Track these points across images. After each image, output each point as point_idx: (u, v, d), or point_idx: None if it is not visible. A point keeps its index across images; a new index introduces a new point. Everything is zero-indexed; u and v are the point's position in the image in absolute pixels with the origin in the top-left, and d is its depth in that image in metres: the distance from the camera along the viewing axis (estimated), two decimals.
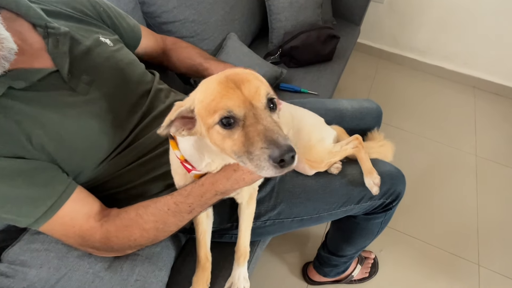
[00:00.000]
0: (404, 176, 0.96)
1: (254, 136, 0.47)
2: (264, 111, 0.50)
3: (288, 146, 0.45)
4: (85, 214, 0.69)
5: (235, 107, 0.49)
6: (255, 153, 0.47)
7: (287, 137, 0.48)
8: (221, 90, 0.51)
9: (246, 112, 0.49)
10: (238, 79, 0.52)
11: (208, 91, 0.53)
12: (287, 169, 0.47)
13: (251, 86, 0.51)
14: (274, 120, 0.51)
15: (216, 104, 0.50)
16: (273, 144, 0.45)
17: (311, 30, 1.44)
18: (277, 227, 0.92)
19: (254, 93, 0.50)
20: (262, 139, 0.46)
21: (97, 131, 0.72)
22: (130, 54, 0.88)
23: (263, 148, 0.46)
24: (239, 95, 0.50)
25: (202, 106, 0.53)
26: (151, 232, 0.71)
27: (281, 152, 0.45)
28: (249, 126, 0.48)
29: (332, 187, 0.91)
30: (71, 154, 0.69)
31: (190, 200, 0.69)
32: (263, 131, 0.47)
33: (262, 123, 0.48)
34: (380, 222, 1.01)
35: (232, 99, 0.49)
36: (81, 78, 0.72)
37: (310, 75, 1.50)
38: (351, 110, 1.11)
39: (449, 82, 2.41)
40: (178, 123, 0.58)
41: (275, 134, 0.46)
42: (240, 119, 0.49)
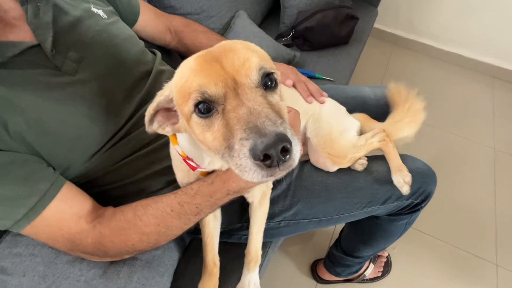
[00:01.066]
0: (435, 174, 0.86)
1: (234, 123, 0.35)
2: (253, 90, 0.38)
3: (277, 134, 0.32)
4: (74, 214, 0.60)
5: (209, 86, 0.37)
6: (234, 147, 0.35)
7: (282, 122, 0.35)
8: (195, 66, 0.39)
9: (226, 92, 0.37)
10: (220, 51, 0.40)
11: (183, 70, 0.41)
12: (281, 169, 0.34)
13: (236, 57, 0.39)
14: (268, 101, 0.38)
15: (189, 85, 0.38)
16: (255, 132, 0.33)
17: (327, 10, 1.31)
18: (292, 228, 0.83)
19: (240, 66, 0.38)
20: (242, 127, 0.34)
21: (87, 118, 0.62)
22: (127, 28, 0.76)
23: (242, 140, 0.34)
24: (217, 69, 0.38)
25: (177, 91, 0.41)
26: (151, 237, 0.61)
27: (264, 143, 0.31)
28: (230, 111, 0.36)
29: (355, 186, 0.81)
30: (56, 145, 0.59)
31: (197, 200, 0.59)
32: (245, 116, 0.35)
33: (247, 105, 0.36)
34: (404, 223, 0.92)
35: (207, 76, 0.38)
36: (67, 55, 0.61)
37: (325, 59, 1.38)
38: (374, 98, 1.00)
39: (467, 70, 2.29)
40: (161, 117, 0.47)
41: (260, 118, 0.34)
42: (219, 102, 0.38)
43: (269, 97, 0.40)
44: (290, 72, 0.90)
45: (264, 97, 0.39)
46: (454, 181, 1.70)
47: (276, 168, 0.33)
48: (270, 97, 0.40)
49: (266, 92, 0.40)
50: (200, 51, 0.43)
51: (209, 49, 0.42)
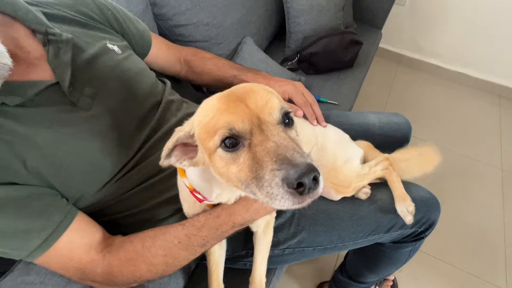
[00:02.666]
0: (439, 202, 0.87)
1: (262, 156, 0.38)
2: (276, 126, 0.41)
3: (308, 164, 0.35)
4: (85, 245, 0.62)
5: (237, 123, 0.40)
6: (264, 177, 0.37)
7: (307, 155, 0.38)
8: (221, 105, 0.42)
9: (252, 128, 0.41)
10: (242, 92, 0.44)
11: (207, 109, 0.44)
12: (309, 197, 0.37)
13: (259, 98, 0.43)
14: (290, 137, 0.41)
15: (216, 123, 0.41)
16: (287, 163, 0.36)
17: (332, 35, 1.34)
18: (296, 256, 0.84)
19: (263, 105, 0.42)
20: (273, 159, 0.37)
21: (99, 151, 0.64)
22: (140, 62, 0.79)
23: (274, 170, 0.36)
24: (243, 108, 0.41)
25: (201, 128, 0.44)
26: (159, 267, 0.63)
27: (298, 173, 0.34)
28: (257, 145, 0.40)
29: (359, 214, 0.82)
30: (70, 178, 0.62)
31: (204, 232, 0.61)
32: (273, 149, 0.38)
33: (273, 140, 0.39)
34: (409, 250, 0.92)
35: (234, 114, 0.41)
36: (83, 91, 0.64)
37: (329, 83, 1.40)
38: (379, 125, 1.01)
39: (474, 90, 2.29)
40: (178, 151, 0.50)
41: (289, 150, 0.37)
42: (246, 137, 0.41)
43: (289, 133, 0.44)
44: (296, 93, 0.92)
45: (285, 132, 0.42)
46: (461, 202, 1.69)
47: (306, 196, 0.36)
48: (289, 133, 0.44)
49: (286, 128, 0.44)
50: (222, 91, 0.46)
51: (230, 90, 0.46)
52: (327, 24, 1.40)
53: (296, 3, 1.36)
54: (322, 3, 1.36)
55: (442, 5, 2.07)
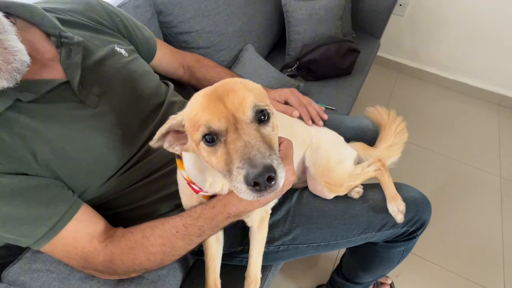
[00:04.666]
0: (430, 203, 0.89)
1: (233, 153, 0.44)
2: (249, 125, 0.46)
3: (265, 165, 0.41)
4: (88, 234, 0.65)
5: (214, 122, 0.45)
6: (233, 173, 0.43)
7: (270, 154, 0.43)
8: (204, 102, 0.48)
9: (228, 127, 0.46)
10: (223, 90, 0.48)
11: (194, 104, 0.50)
12: (268, 192, 0.43)
13: (236, 97, 0.47)
14: (262, 134, 0.47)
15: (198, 119, 0.47)
16: (248, 163, 0.41)
17: (330, 43, 1.39)
18: (291, 253, 0.86)
19: (238, 104, 0.46)
20: (239, 157, 0.43)
21: (105, 147, 0.69)
22: (145, 65, 0.84)
23: (238, 168, 0.42)
24: (220, 108, 0.46)
25: (188, 121, 0.50)
26: (157, 256, 0.66)
27: (254, 173, 0.40)
28: (230, 142, 0.45)
29: (352, 213, 0.84)
30: (77, 171, 0.66)
31: (200, 222, 0.64)
32: (241, 148, 0.43)
33: (243, 139, 0.44)
34: (402, 250, 0.94)
35: (212, 113, 0.46)
36: (91, 90, 0.69)
37: (328, 89, 1.44)
38: (373, 128, 1.05)
39: (472, 98, 2.31)
40: (171, 137, 0.55)
41: (253, 151, 0.42)
42: (222, 134, 0.46)
43: (262, 130, 0.48)
44: (291, 95, 0.97)
45: (257, 130, 0.46)
46: (460, 209, 1.70)
47: (264, 191, 0.42)
48: (263, 129, 0.48)
49: (260, 125, 0.48)
50: (208, 86, 0.51)
51: (214, 86, 0.50)
52: (326, 33, 1.45)
53: (296, 12, 1.42)
54: (321, 12, 1.42)
55: (440, 15, 2.10)
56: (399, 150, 0.95)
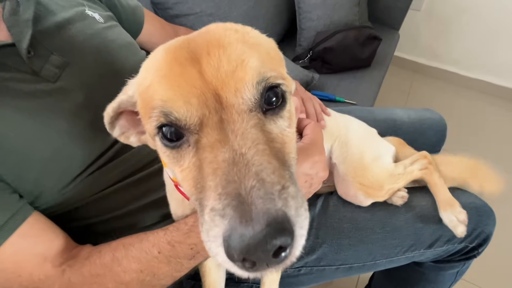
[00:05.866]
0: (493, 211, 0.70)
1: (208, 173, 0.24)
2: (245, 115, 0.25)
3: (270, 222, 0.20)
4: (37, 255, 0.48)
5: (177, 104, 0.25)
6: (204, 214, 0.23)
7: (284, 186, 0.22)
8: (163, 65, 0.26)
9: (203, 115, 0.25)
10: (202, 43, 0.27)
11: (148, 66, 0.29)
12: (269, 269, 0.22)
13: (224, 58, 0.26)
14: (267, 135, 0.26)
15: (151, 95, 0.26)
16: (235, 207, 0.20)
17: (348, 30, 1.22)
18: (315, 276, 0.67)
19: (229, 73, 0.25)
20: (217, 187, 0.22)
21: (66, 134, 0.51)
22: (127, 35, 0.67)
23: (214, 211, 0.22)
24: (192, 76, 0.25)
25: (139, 95, 0.30)
26: (132, 287, 0.47)
27: (244, 242, 0.20)
28: (206, 146, 0.25)
29: (394, 225, 0.66)
30: (24, 167, 0.48)
31: (192, 239, 0.46)
32: (224, 166, 0.23)
33: (231, 144, 0.23)
34: (455, 273, 0.75)
35: (174, 87, 0.25)
36: (49, 59, 0.51)
37: (345, 82, 1.27)
38: (408, 121, 0.87)
39: (496, 98, 2.14)
40: (125, 121, 0.35)
41: (248, 177, 0.21)
42: (191, 129, 0.25)
43: (269, 125, 0.27)
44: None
45: (260, 128, 0.26)
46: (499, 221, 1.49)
47: (263, 269, 0.22)
48: (272, 125, 0.28)
49: (266, 117, 0.27)
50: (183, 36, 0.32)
51: (188, 37, 0.30)
52: (342, 20, 1.28)
53: None
54: None
55: (460, 8, 1.96)
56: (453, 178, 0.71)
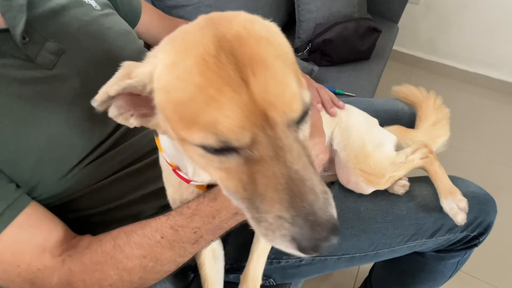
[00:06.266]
0: (494, 200, 0.70)
1: (266, 186, 0.27)
2: (288, 131, 0.28)
3: (332, 226, 0.26)
4: (36, 246, 0.47)
5: (234, 130, 0.26)
6: (266, 218, 0.27)
7: (326, 191, 0.27)
8: (205, 82, 0.26)
9: (255, 137, 0.27)
10: (243, 54, 0.27)
11: (179, 71, 0.28)
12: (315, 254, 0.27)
13: (271, 80, 0.27)
14: (303, 146, 0.29)
15: (196, 114, 0.26)
16: (304, 218, 0.25)
17: (347, 21, 1.21)
18: (317, 267, 0.67)
19: (278, 97, 0.27)
20: (283, 201, 0.26)
21: (63, 123, 0.50)
22: (124, 23, 0.66)
23: (282, 220, 0.26)
24: (244, 99, 0.26)
25: (167, 100, 0.29)
26: (134, 274, 0.47)
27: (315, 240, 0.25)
28: (258, 162, 0.27)
29: (396, 214, 0.65)
30: (20, 156, 0.47)
31: (195, 222, 0.45)
32: (284, 181, 0.26)
33: (285, 163, 0.27)
34: (456, 262, 0.74)
35: (228, 110, 0.26)
36: (44, 45, 0.50)
37: (344, 75, 1.26)
38: (409, 111, 0.86)
39: (496, 93, 2.13)
40: (123, 101, 0.34)
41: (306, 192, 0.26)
42: (241, 146, 0.28)
43: (300, 134, 0.30)
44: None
45: (298, 140, 0.29)
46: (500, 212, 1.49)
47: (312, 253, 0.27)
48: (300, 133, 0.30)
49: (297, 127, 0.30)
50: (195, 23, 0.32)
51: (217, 38, 0.28)
52: (341, 11, 1.27)
53: None
54: None
55: (459, 2, 1.95)
56: (446, 127, 0.78)
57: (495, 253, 1.34)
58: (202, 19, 0.33)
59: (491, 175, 1.68)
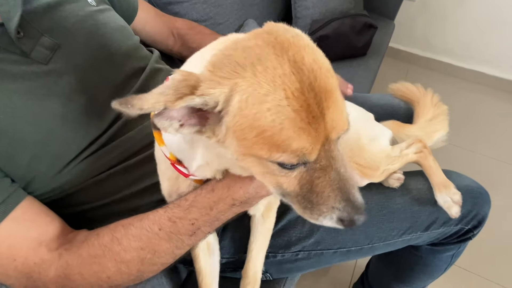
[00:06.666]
0: (488, 193, 0.70)
1: (323, 187, 0.35)
2: (336, 146, 0.36)
3: (364, 206, 0.35)
4: (33, 240, 0.47)
5: (312, 151, 0.33)
6: (320, 208, 0.35)
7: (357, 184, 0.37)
8: (298, 117, 0.31)
9: (319, 153, 0.34)
10: (319, 88, 0.32)
11: (270, 104, 0.30)
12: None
13: (337, 109, 0.34)
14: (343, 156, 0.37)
15: (284, 141, 0.31)
16: (350, 206, 0.35)
17: (344, 18, 1.22)
18: (313, 261, 0.67)
19: (338, 121, 0.34)
20: (337, 196, 0.35)
21: (59, 118, 0.50)
22: (120, 19, 0.66)
23: (335, 209, 0.35)
24: (322, 128, 0.33)
25: (250, 126, 0.31)
26: (133, 266, 0.48)
27: (357, 217, 0.35)
28: (317, 170, 0.35)
29: (391, 207, 0.66)
30: (16, 151, 0.47)
31: (193, 214, 0.46)
32: (336, 182, 0.35)
33: (335, 167, 0.35)
34: (450, 255, 0.75)
35: (311, 137, 0.32)
36: (40, 40, 0.50)
37: (341, 71, 1.24)
38: (405, 106, 0.87)
39: (491, 89, 2.14)
40: (177, 112, 0.33)
41: (351, 188, 0.35)
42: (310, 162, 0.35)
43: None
44: None
45: (340, 152, 0.36)
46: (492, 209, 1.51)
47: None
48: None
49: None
50: (271, 54, 0.32)
51: (299, 70, 0.32)
52: (337, 7, 1.27)
53: None
54: None
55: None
56: (445, 122, 0.78)
57: (490, 248, 1.35)
58: (262, 38, 0.34)
59: (486, 170, 1.69)
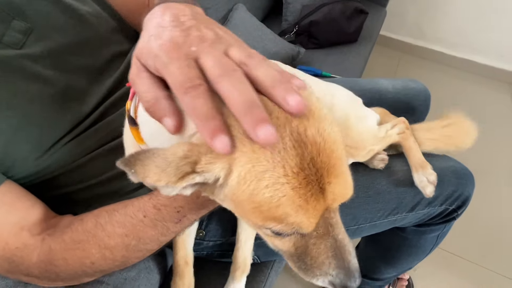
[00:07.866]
0: (472, 174, 0.72)
1: (319, 253, 0.34)
2: (336, 213, 0.34)
3: (358, 273, 0.34)
4: (14, 225, 0.46)
5: (307, 223, 0.32)
6: (314, 271, 0.35)
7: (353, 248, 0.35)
8: (296, 195, 0.29)
9: (317, 223, 0.33)
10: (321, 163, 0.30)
11: (269, 181, 0.29)
12: None
13: (342, 186, 0.32)
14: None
15: (281, 216, 0.30)
16: (344, 273, 0.34)
17: (334, 2, 1.21)
18: None
19: (341, 196, 0.33)
20: (331, 263, 0.34)
21: (37, 102, 0.49)
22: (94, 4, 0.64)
23: (328, 275, 0.34)
24: (320, 204, 0.31)
25: (249, 200, 0.30)
26: (117, 252, 0.47)
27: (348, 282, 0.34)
28: (315, 237, 0.34)
29: (377, 188, 0.66)
30: None
31: (179, 202, 0.45)
32: (332, 249, 0.34)
33: (334, 236, 0.34)
34: (436, 236, 0.76)
35: (307, 212, 0.31)
36: (11, 24, 0.49)
37: (332, 57, 1.26)
38: (393, 91, 0.87)
39: (482, 78, 2.16)
40: None
41: (347, 255, 0.34)
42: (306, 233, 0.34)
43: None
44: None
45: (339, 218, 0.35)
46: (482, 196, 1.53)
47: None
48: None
49: None
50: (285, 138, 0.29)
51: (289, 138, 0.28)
52: None
53: None
54: None
55: None
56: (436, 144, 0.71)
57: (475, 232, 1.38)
58: None
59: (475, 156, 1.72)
